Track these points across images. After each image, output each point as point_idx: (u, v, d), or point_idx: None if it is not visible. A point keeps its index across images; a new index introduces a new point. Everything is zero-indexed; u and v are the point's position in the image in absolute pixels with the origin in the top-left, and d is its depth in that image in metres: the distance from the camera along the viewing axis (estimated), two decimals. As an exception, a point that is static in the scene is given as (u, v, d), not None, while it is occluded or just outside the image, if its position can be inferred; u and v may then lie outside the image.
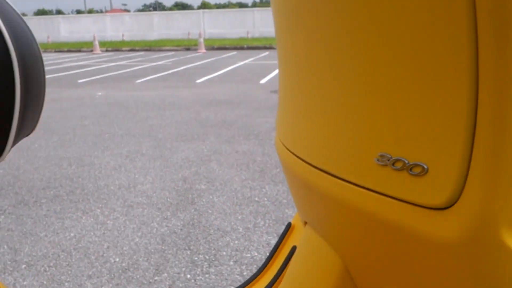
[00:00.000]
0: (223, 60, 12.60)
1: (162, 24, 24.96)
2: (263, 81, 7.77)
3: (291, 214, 2.28)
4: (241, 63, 11.49)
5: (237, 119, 4.67)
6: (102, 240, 2.06)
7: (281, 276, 0.81)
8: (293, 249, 0.81)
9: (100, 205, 2.46)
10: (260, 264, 1.80)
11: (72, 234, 2.13)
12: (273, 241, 1.99)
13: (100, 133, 4.16)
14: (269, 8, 24.38)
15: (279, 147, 0.66)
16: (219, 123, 4.49)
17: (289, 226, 0.88)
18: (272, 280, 0.82)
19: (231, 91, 6.71)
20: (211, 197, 2.54)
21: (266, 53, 15.14)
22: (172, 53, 16.19)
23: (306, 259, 0.68)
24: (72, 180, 2.89)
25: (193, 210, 2.36)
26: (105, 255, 1.92)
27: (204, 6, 78.53)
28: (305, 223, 0.71)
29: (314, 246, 0.66)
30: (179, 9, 78.06)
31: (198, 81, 7.97)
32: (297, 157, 0.59)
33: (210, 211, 2.34)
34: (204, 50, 16.46)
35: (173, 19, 25.03)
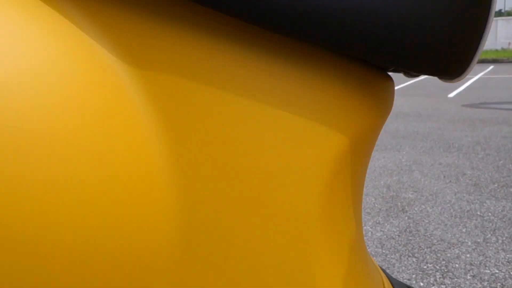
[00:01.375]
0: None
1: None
2: (451, 95, 7.24)
3: (527, 233, 1.98)
4: (422, 76, 10.93)
5: (430, 132, 4.37)
6: (317, 237, 2.03)
7: None
8: None
9: (307, 204, 2.46)
10: (504, 283, 1.57)
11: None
12: (514, 260, 1.74)
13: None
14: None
15: None
16: (411, 135, 4.25)
17: None
18: None
19: (417, 104, 6.37)
20: (423, 206, 2.36)
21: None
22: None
23: None
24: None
25: (406, 218, 2.21)
26: (323, 251, 1.89)
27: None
28: None
29: None
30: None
31: (379, 94, 7.76)
32: None
33: (426, 221, 2.16)
34: (378, 65, 16.11)
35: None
